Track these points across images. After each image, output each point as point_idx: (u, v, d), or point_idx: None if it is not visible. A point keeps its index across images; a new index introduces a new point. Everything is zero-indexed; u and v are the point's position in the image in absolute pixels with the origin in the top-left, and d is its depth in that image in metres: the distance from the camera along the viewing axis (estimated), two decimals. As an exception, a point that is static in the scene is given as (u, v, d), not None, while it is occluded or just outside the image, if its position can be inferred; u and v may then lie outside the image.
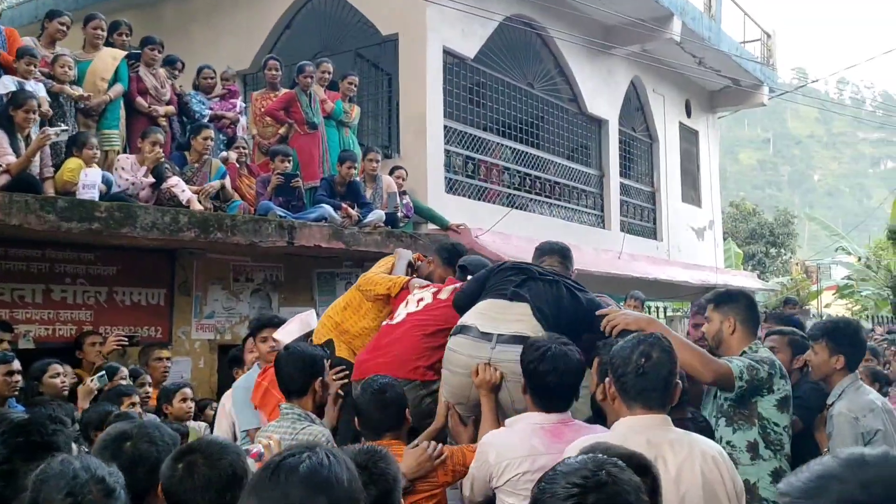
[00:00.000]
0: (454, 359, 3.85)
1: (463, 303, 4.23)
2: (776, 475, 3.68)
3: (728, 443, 3.80)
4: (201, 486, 2.33)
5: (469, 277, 4.61)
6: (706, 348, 4.04)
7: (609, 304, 4.13)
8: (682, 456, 2.73)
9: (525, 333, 3.72)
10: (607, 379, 2.97)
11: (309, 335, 4.90)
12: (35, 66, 7.24)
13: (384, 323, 4.64)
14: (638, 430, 2.78)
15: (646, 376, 2.83)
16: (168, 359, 7.01)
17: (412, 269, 5.37)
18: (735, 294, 4.14)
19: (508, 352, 3.69)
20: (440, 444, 3.87)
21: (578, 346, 3.64)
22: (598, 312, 3.86)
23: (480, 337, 3.77)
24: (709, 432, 3.64)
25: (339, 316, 5.16)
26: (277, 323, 5.04)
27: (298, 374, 3.78)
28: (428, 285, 4.78)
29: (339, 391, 4.28)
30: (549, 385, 3.30)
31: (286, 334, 4.70)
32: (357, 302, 5.15)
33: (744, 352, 3.87)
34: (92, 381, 5.43)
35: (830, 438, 4.07)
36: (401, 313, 4.52)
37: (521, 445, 3.21)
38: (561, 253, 4.44)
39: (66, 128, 7.32)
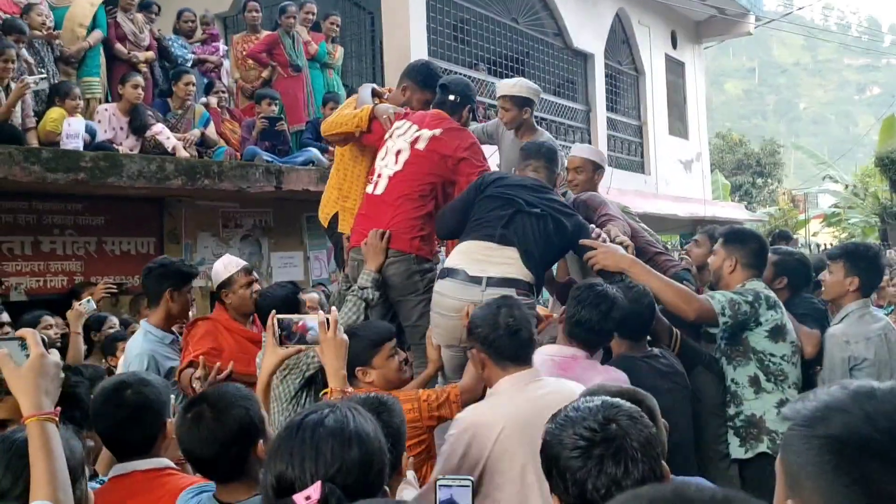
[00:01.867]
0: (444, 303, 3.83)
1: (445, 232, 4.26)
2: (782, 406, 3.62)
3: (732, 380, 3.86)
4: (206, 438, 2.34)
5: (452, 98, 4.46)
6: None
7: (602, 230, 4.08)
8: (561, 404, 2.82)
9: (515, 276, 3.74)
10: (473, 350, 3.07)
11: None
12: (22, 43, 7.05)
13: (367, 190, 4.50)
14: (520, 388, 2.89)
15: (518, 335, 2.93)
16: (160, 307, 6.98)
17: (378, 97, 5.02)
18: (747, 235, 4.10)
19: (499, 294, 3.68)
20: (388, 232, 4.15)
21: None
22: (581, 242, 3.88)
23: (469, 281, 3.75)
24: (676, 371, 3.68)
25: (335, 181, 5.06)
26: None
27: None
28: (399, 114, 4.57)
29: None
30: (581, 323, 3.37)
31: (215, 276, 4.58)
32: (343, 160, 5.01)
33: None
34: (80, 304, 5.50)
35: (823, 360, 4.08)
36: (382, 174, 4.38)
37: None
38: (547, 156, 4.25)
39: (45, 75, 7.21)
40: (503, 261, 3.78)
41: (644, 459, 1.73)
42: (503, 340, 2.93)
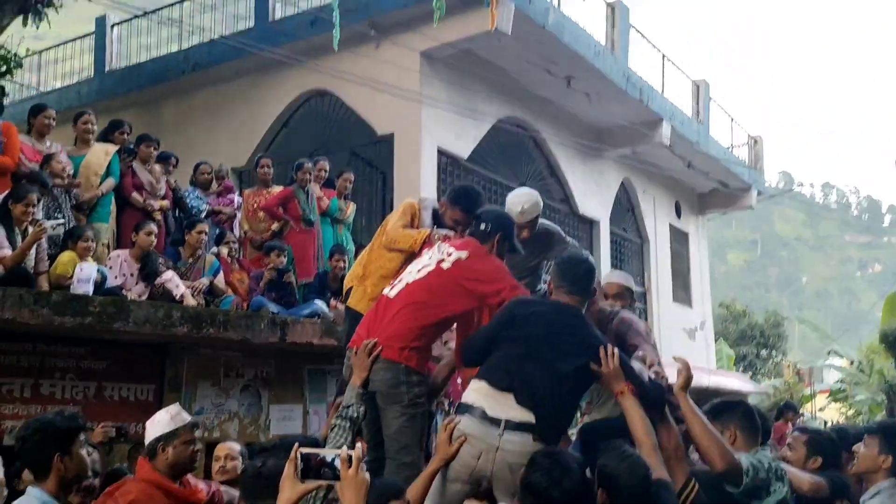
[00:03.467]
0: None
1: (470, 362, 4.24)
2: None
3: None
4: None
5: (483, 227, 4.56)
6: None
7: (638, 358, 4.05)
8: None
9: (532, 421, 3.71)
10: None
11: None
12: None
13: (384, 291, 4.55)
14: None
15: None
16: (155, 456, 6.80)
17: (437, 216, 5.36)
18: (732, 403, 4.11)
19: (516, 441, 3.68)
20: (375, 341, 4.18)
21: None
22: (593, 367, 3.83)
23: (488, 421, 3.73)
24: None
25: (365, 258, 5.54)
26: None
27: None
28: (447, 237, 4.83)
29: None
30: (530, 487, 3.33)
31: (155, 426, 4.14)
32: (380, 247, 5.42)
33: None
34: None
35: None
36: (402, 280, 4.48)
37: None
38: (584, 282, 4.16)
39: (62, 221, 7.36)
40: (521, 409, 3.75)
41: None
42: None
